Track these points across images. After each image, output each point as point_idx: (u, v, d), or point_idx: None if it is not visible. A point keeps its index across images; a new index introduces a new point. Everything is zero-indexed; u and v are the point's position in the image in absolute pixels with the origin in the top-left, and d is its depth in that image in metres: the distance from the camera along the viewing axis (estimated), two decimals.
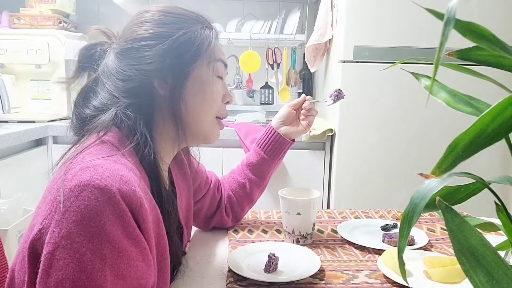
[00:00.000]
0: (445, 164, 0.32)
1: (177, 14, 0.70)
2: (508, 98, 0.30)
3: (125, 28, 0.70)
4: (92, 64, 0.70)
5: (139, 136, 0.63)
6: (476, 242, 0.31)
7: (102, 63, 0.69)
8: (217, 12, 2.38)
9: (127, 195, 0.52)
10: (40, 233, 0.51)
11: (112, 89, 0.66)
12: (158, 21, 0.68)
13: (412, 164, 1.69)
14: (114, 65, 0.67)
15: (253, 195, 0.99)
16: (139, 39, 0.67)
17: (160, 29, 0.67)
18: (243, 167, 1.00)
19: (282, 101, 2.40)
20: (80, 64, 0.71)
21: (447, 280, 0.70)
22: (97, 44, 0.71)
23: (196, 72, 0.69)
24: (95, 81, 0.69)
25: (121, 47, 0.68)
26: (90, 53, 0.71)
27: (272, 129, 0.99)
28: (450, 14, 0.29)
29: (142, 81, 0.66)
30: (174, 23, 0.68)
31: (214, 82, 0.72)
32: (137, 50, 0.66)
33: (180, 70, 0.67)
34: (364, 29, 1.65)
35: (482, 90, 0.91)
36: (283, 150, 0.99)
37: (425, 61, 0.47)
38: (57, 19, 1.98)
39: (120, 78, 0.66)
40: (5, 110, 1.69)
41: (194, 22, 0.70)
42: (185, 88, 0.68)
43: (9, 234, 1.11)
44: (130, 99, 0.65)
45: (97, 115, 0.65)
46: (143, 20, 0.68)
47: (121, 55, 0.67)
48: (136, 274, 0.53)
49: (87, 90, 0.69)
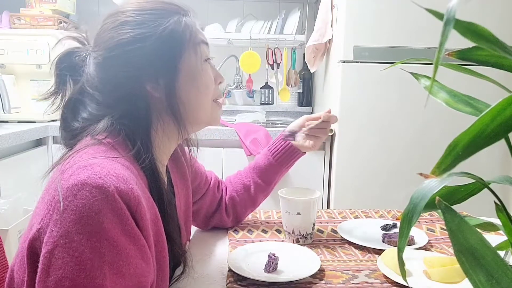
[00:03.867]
0: (445, 164, 0.32)
1: (152, 9, 0.67)
2: (508, 98, 0.30)
3: (100, 34, 0.67)
4: (73, 73, 0.67)
5: (140, 144, 0.62)
6: (476, 242, 0.31)
7: (84, 73, 0.66)
8: (217, 12, 2.38)
9: (124, 193, 0.52)
10: (39, 233, 0.51)
11: (102, 100, 0.64)
12: (135, 22, 0.65)
13: (412, 164, 1.69)
14: (100, 75, 0.65)
15: (256, 198, 0.99)
16: (121, 45, 0.64)
17: (140, 30, 0.64)
18: (250, 170, 1.00)
19: (282, 101, 2.40)
20: (60, 77, 0.68)
21: (447, 280, 0.70)
22: (72, 53, 0.68)
23: (185, 64, 0.68)
24: (80, 92, 0.66)
25: (102, 56, 0.65)
26: (68, 62, 0.68)
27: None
28: (450, 14, 0.29)
29: (134, 88, 0.64)
30: (152, 21, 0.65)
31: (204, 69, 0.71)
32: (122, 56, 0.64)
33: (170, 67, 0.66)
34: (364, 29, 1.65)
35: (481, 90, 0.91)
36: (293, 160, 0.99)
37: (425, 61, 0.47)
38: (57, 19, 1.98)
39: (109, 88, 0.64)
40: (5, 110, 1.69)
41: (170, 13, 0.67)
42: (178, 84, 0.67)
43: (9, 234, 1.11)
44: (124, 107, 0.64)
45: (89, 126, 0.64)
46: (119, 23, 0.65)
47: (106, 64, 0.65)
48: (135, 272, 0.53)
49: (74, 102, 0.67)
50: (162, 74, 0.65)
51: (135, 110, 0.65)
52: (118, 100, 0.64)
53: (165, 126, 0.68)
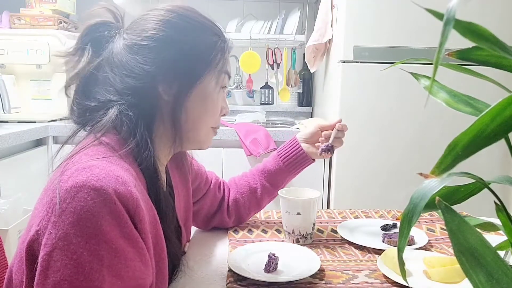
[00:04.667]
0: (445, 164, 0.32)
1: (198, 21, 0.68)
2: (508, 98, 0.30)
3: (140, 21, 0.67)
4: (96, 46, 0.67)
5: (139, 139, 0.62)
6: (476, 242, 0.31)
7: (107, 49, 0.66)
8: (217, 12, 2.38)
9: (123, 195, 0.52)
10: (37, 235, 0.51)
11: (116, 83, 0.64)
12: (176, 24, 0.66)
13: (412, 164, 1.69)
14: (122, 57, 0.65)
15: (262, 201, 0.99)
16: (154, 39, 0.64)
17: (177, 34, 0.65)
18: (258, 172, 0.99)
19: (282, 101, 2.40)
20: (82, 42, 0.67)
21: (447, 280, 0.70)
22: (105, 25, 0.68)
23: (204, 84, 0.68)
24: (97, 68, 0.66)
25: (132, 40, 0.65)
26: (97, 34, 0.67)
27: (297, 143, 0.98)
28: (450, 14, 0.29)
29: (148, 83, 0.64)
30: (192, 31, 0.67)
31: (218, 95, 0.72)
32: (150, 49, 0.64)
33: (188, 80, 0.67)
34: (364, 29, 1.65)
35: (481, 90, 0.91)
36: (302, 166, 0.99)
37: (425, 61, 0.47)
38: (58, 19, 1.98)
39: (126, 73, 0.64)
40: (5, 110, 1.69)
41: (211, 33, 0.69)
42: (190, 97, 0.67)
43: (9, 234, 1.11)
44: (133, 98, 0.64)
45: (98, 108, 0.64)
46: (163, 20, 0.65)
47: (131, 49, 0.65)
48: (134, 274, 0.53)
49: (88, 77, 0.66)
50: (178, 82, 0.66)
51: (140, 104, 0.65)
52: (130, 89, 0.64)
53: (164, 130, 0.68)
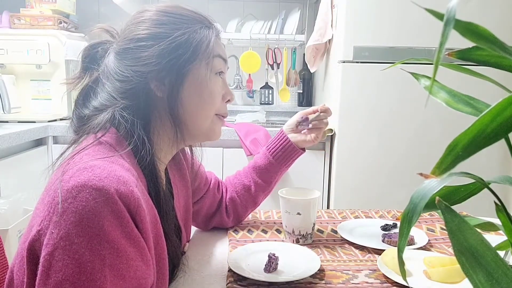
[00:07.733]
0: (445, 164, 0.32)
1: (176, 14, 0.69)
2: (508, 98, 0.30)
3: (124, 27, 0.70)
4: (94, 63, 0.70)
5: (137, 139, 0.63)
6: (476, 242, 0.31)
7: (102, 63, 0.69)
8: (217, 12, 2.38)
9: (125, 195, 0.52)
10: (39, 234, 0.51)
11: (110, 90, 0.66)
12: (156, 21, 0.67)
13: (412, 164, 1.69)
14: (113, 65, 0.67)
15: (257, 198, 0.99)
16: (136, 39, 0.66)
17: (157, 29, 0.66)
18: (249, 170, 0.99)
19: (282, 101, 2.40)
20: (84, 64, 0.71)
21: (447, 280, 0.70)
22: (100, 43, 0.71)
23: (194, 72, 0.68)
24: (95, 81, 0.69)
25: (119, 47, 0.68)
26: (93, 52, 0.71)
27: (284, 135, 0.98)
28: (450, 14, 0.29)
29: (139, 83, 0.65)
30: (172, 24, 0.67)
31: (213, 81, 0.71)
32: (134, 50, 0.66)
33: (177, 72, 0.67)
34: (364, 29, 1.65)
35: (482, 90, 0.91)
36: (292, 158, 0.99)
37: (425, 61, 0.47)
38: (58, 19, 1.98)
39: (118, 78, 0.66)
40: (5, 110, 1.69)
41: (193, 22, 0.69)
42: (183, 89, 0.68)
43: (9, 234, 1.11)
44: (127, 101, 0.65)
45: (95, 115, 0.65)
46: (141, 20, 0.68)
47: (119, 55, 0.67)
48: (135, 274, 0.53)
49: (87, 90, 0.69)
50: (168, 76, 0.66)
51: (135, 104, 0.65)
52: (123, 93, 0.65)
53: (164, 127, 0.69)
